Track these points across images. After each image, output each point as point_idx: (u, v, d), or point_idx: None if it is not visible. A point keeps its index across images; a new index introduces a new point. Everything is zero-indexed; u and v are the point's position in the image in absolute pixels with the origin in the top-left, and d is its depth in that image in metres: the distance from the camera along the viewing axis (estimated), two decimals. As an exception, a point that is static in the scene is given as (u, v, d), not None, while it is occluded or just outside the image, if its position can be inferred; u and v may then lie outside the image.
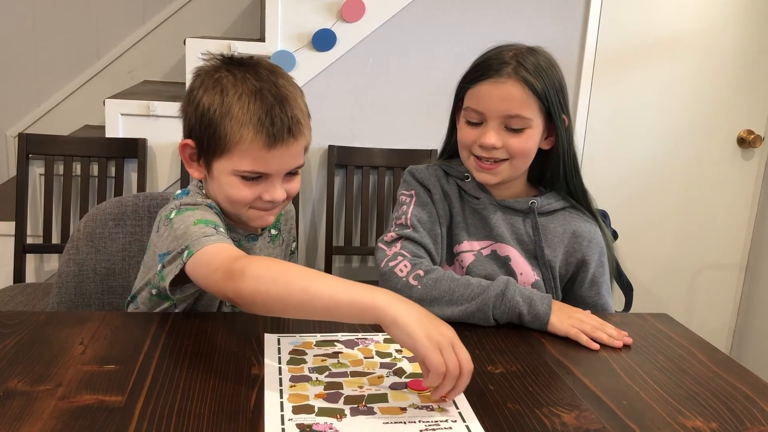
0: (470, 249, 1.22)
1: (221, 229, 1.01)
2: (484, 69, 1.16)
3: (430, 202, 1.24)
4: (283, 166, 1.04)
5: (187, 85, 1.08)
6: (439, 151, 1.34)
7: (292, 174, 1.07)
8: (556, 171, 1.23)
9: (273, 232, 1.22)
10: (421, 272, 1.13)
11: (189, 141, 1.06)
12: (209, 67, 1.05)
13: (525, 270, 1.21)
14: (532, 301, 1.08)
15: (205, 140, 1.03)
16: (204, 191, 1.12)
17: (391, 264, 1.15)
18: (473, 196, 1.23)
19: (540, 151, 1.21)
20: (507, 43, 1.19)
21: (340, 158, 2.35)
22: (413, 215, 1.22)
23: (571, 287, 1.26)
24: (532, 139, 1.17)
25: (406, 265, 1.14)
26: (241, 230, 1.13)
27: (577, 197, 1.25)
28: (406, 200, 1.25)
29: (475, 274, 1.20)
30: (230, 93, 1.00)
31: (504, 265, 1.21)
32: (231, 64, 1.05)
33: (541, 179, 1.27)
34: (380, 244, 1.21)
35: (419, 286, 1.11)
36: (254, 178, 1.03)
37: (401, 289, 1.12)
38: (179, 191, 1.15)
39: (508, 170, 1.18)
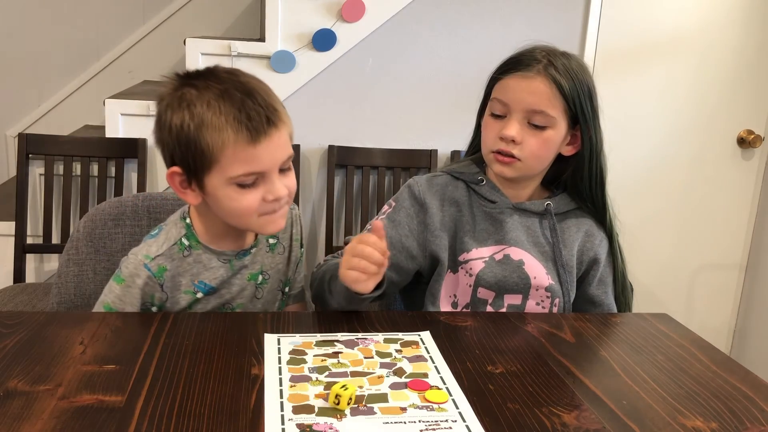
0: (480, 256, 1.20)
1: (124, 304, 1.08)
2: (514, 63, 1.16)
3: (403, 222, 1.22)
4: (274, 158, 1.01)
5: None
6: (466, 148, 1.33)
7: (285, 170, 1.05)
8: (578, 178, 1.22)
9: (271, 241, 1.20)
10: (322, 262, 1.23)
11: (175, 168, 1.02)
12: (169, 88, 1.02)
13: (539, 273, 1.21)
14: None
15: (189, 160, 1.00)
16: (189, 220, 1.11)
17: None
18: (488, 200, 1.23)
19: (561, 156, 1.21)
20: (540, 44, 1.19)
21: (340, 158, 2.35)
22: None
23: (581, 285, 1.26)
24: (551, 141, 1.16)
25: (326, 259, 1.26)
26: (228, 251, 1.12)
27: (598, 209, 1.25)
28: (384, 209, 1.27)
29: (486, 281, 1.19)
30: (197, 104, 0.97)
31: (517, 269, 1.20)
32: (188, 77, 1.02)
33: (554, 182, 1.27)
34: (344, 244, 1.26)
35: (314, 270, 1.25)
36: (250, 183, 1.01)
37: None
38: (154, 230, 1.13)
39: (522, 168, 1.17)
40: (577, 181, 1.22)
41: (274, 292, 1.21)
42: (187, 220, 1.11)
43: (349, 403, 0.81)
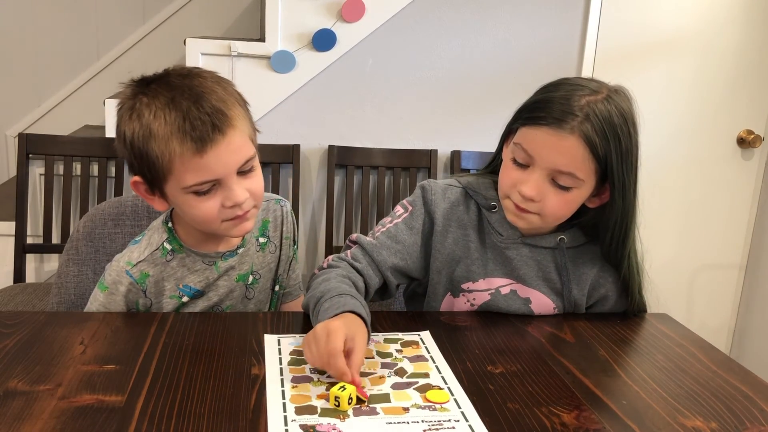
0: (487, 288, 1.15)
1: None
2: (546, 111, 1.01)
3: (419, 229, 1.16)
4: (225, 165, 0.97)
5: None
6: (485, 163, 1.23)
7: (247, 172, 1.01)
8: (598, 227, 1.12)
9: (261, 240, 1.18)
10: (325, 264, 1.15)
11: (136, 177, 1.02)
12: (125, 96, 1.00)
13: (545, 310, 1.16)
14: (328, 309, 0.96)
15: (146, 170, 0.99)
16: (171, 224, 1.11)
17: (327, 260, 1.17)
18: (497, 231, 1.14)
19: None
20: (585, 82, 1.04)
21: (340, 158, 2.35)
22: (388, 231, 1.17)
23: (589, 310, 1.22)
24: (573, 202, 1.06)
25: (329, 261, 1.15)
26: (213, 252, 1.11)
27: (613, 264, 1.14)
28: (399, 211, 1.19)
29: (488, 310, 1.17)
30: (146, 114, 0.96)
31: (523, 306, 1.16)
32: (143, 84, 0.99)
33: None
34: (348, 242, 1.19)
35: (316, 272, 1.15)
36: (206, 191, 0.99)
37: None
38: (138, 236, 1.14)
39: (538, 222, 1.08)
40: (597, 228, 1.12)
41: (267, 292, 1.21)
42: (169, 225, 1.11)
43: (350, 403, 0.81)
